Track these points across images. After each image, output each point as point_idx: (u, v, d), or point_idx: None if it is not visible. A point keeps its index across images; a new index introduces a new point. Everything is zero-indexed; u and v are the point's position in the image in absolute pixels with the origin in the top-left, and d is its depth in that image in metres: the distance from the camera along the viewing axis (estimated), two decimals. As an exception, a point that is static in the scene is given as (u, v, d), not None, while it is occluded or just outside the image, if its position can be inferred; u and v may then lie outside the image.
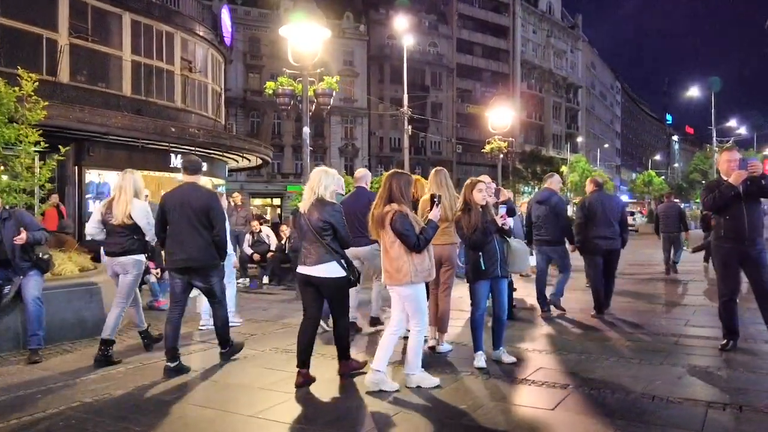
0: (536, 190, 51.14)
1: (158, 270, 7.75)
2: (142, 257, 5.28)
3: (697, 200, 36.99)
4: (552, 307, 7.21)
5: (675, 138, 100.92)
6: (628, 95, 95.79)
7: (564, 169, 52.49)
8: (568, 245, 7.52)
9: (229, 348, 5.14)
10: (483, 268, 4.80)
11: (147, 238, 5.27)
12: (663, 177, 64.19)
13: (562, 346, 5.53)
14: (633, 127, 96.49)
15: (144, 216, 5.15)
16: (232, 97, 40.48)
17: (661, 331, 6.16)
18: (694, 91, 41.69)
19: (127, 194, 5.10)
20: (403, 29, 26.74)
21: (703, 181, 43.18)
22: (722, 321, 5.42)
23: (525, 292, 8.51)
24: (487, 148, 17.57)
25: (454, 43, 54.34)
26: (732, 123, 47.54)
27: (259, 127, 42.90)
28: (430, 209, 4.39)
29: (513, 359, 4.88)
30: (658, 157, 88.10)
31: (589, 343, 5.69)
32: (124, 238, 5.11)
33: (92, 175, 15.35)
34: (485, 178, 7.22)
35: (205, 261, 4.86)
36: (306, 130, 8.72)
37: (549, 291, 7.27)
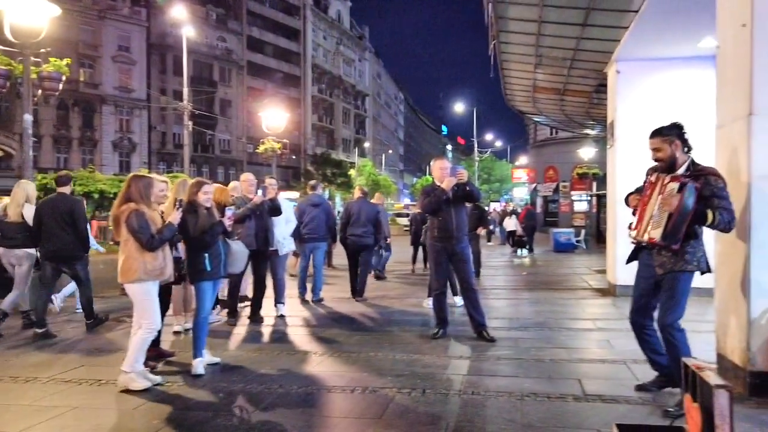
0: (327, 192, 52.74)
1: None
2: (32, 250, 6.45)
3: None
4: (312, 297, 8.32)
5: (449, 147, 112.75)
6: (410, 106, 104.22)
7: (352, 172, 54.99)
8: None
9: (93, 320, 6.42)
10: (209, 269, 4.71)
11: None
12: (438, 182, 71.06)
13: (288, 346, 5.63)
14: (414, 136, 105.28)
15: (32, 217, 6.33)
16: (-31, 74, 33.88)
17: (396, 323, 6.66)
18: (460, 107, 46.95)
19: (19, 197, 6.45)
20: (183, 18, 25.16)
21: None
22: (434, 312, 6.05)
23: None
24: (261, 148, 17.46)
25: (245, 40, 53.10)
26: (490, 136, 54.75)
27: (6, 114, 36.60)
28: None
29: (217, 360, 4.93)
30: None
31: (324, 338, 5.88)
32: (17, 234, 6.38)
33: None
34: (249, 176, 7.30)
35: (70, 252, 6.24)
36: (27, 117, 7.52)
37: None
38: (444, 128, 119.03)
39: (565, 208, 33.63)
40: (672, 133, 3.77)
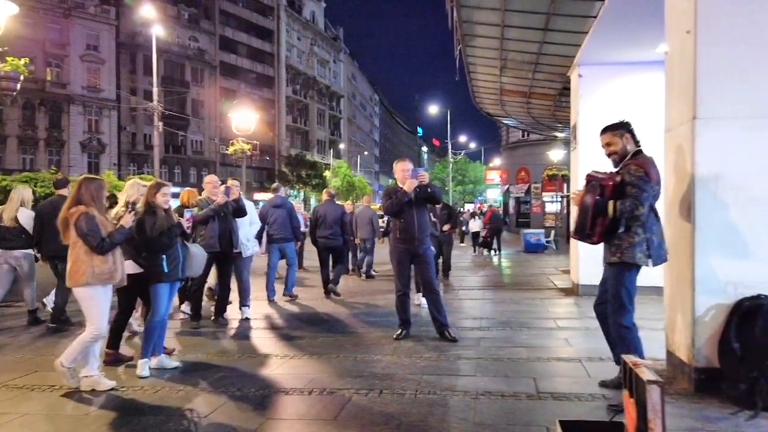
0: (302, 193, 52.55)
1: None
2: (29, 250, 6.81)
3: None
4: (285, 296, 8.52)
5: (424, 149, 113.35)
6: (386, 108, 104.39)
7: (327, 173, 54.83)
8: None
9: (57, 324, 6.44)
10: (167, 270, 4.71)
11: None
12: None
13: (249, 349, 5.61)
14: (389, 137, 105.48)
15: (29, 221, 6.67)
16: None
17: (362, 324, 6.68)
18: (434, 109, 47.29)
19: (14, 203, 6.70)
20: (153, 17, 24.72)
21: (446, 188, 49.15)
22: (398, 313, 6.08)
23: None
24: (230, 149, 17.30)
25: (217, 40, 52.54)
26: (464, 137, 55.25)
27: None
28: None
29: (176, 364, 4.87)
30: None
31: (288, 340, 5.87)
32: (14, 236, 6.68)
33: None
34: (213, 177, 7.29)
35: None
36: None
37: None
38: (419, 130, 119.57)
39: (536, 209, 34.13)
40: (622, 128, 3.97)
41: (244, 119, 16.66)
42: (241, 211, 6.83)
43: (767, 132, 3.90)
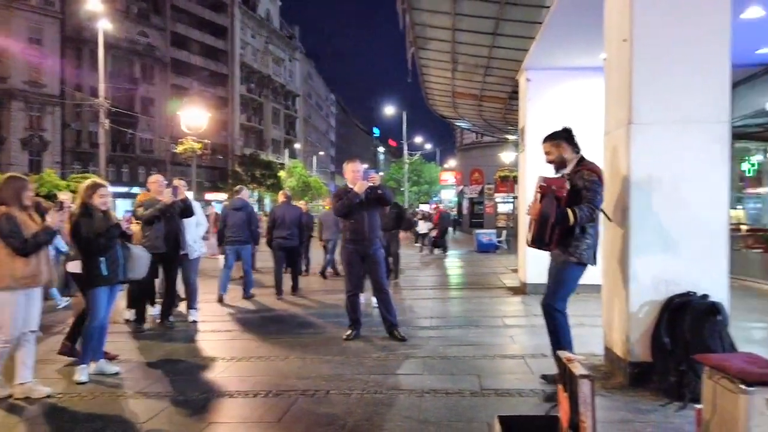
0: (255, 193, 51.71)
1: None
2: None
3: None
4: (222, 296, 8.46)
5: (380, 149, 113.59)
6: (342, 108, 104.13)
7: (282, 174, 54.21)
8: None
9: None
10: (106, 273, 4.56)
11: None
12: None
13: (196, 352, 5.51)
14: (346, 137, 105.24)
15: None
16: None
17: (312, 324, 6.64)
18: (390, 109, 47.54)
19: None
20: (99, 10, 23.81)
21: (402, 189, 49.38)
22: (348, 313, 6.08)
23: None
24: (180, 148, 16.86)
25: (169, 36, 51.17)
26: (420, 138, 55.76)
27: None
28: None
29: (116, 369, 4.73)
30: (366, 166, 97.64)
31: (236, 342, 5.79)
32: None
33: None
34: (158, 177, 7.07)
35: None
36: None
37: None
38: (376, 130, 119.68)
39: (489, 210, 34.70)
40: (559, 137, 4.14)
41: (195, 117, 16.27)
42: (188, 212, 6.68)
43: (696, 136, 4.11)
